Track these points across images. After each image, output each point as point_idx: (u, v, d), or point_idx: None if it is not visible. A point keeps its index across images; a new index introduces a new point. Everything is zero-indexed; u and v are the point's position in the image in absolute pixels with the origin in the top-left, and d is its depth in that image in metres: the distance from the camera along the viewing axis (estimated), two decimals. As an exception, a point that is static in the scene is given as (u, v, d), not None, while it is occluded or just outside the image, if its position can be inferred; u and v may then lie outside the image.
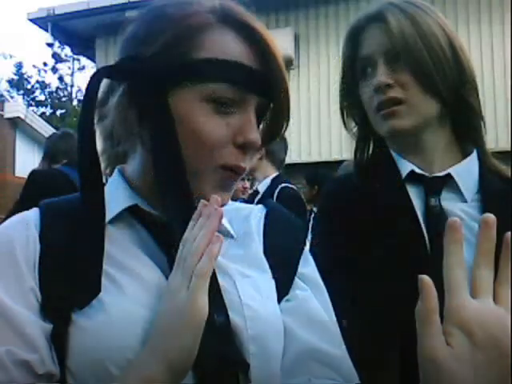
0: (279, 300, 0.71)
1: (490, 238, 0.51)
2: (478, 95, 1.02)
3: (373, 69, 1.00)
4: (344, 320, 0.75)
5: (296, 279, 0.74)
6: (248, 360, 0.64)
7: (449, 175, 1.00)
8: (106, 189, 0.70)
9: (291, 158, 5.44)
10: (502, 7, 6.06)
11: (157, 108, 0.66)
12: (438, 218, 0.96)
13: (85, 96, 0.66)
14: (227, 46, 0.67)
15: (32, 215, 0.70)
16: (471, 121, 1.03)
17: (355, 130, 1.10)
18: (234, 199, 0.81)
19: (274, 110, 0.72)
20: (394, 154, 1.04)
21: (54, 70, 24.73)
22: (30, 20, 7.73)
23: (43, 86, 24.98)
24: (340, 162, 3.08)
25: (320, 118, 6.52)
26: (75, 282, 0.63)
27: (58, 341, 0.61)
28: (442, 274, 0.51)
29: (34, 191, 2.75)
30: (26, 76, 25.15)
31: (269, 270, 0.72)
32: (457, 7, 6.19)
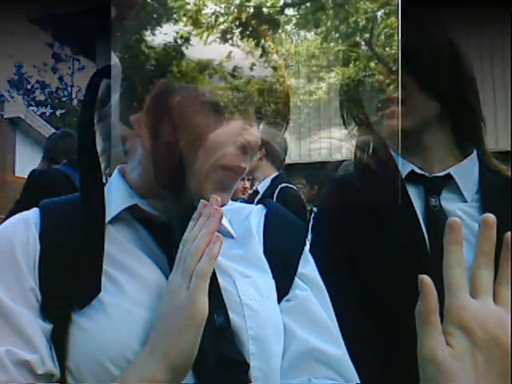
0: (279, 300, 0.71)
1: (490, 237, 0.51)
2: (478, 95, 1.02)
3: (373, 69, 1.00)
4: (344, 320, 0.75)
5: (296, 279, 0.74)
6: (248, 360, 0.64)
7: (449, 175, 1.00)
8: (106, 189, 0.70)
9: (291, 158, 5.45)
10: (502, 7, 6.06)
11: (157, 108, 0.66)
12: (437, 218, 0.96)
13: (85, 96, 0.67)
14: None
15: (32, 215, 0.69)
16: (471, 121, 1.03)
17: (355, 130, 1.10)
18: (234, 199, 0.81)
19: (274, 110, 0.72)
20: (394, 154, 1.04)
21: (54, 70, 24.74)
22: (30, 20, 7.72)
23: (43, 86, 24.98)
24: (340, 162, 3.07)
25: (320, 118, 6.51)
26: (75, 281, 0.63)
27: (58, 341, 0.61)
28: (442, 274, 0.51)
29: (33, 191, 2.75)
30: (26, 76, 25.15)
31: (269, 270, 0.72)
32: (457, 7, 6.19)
